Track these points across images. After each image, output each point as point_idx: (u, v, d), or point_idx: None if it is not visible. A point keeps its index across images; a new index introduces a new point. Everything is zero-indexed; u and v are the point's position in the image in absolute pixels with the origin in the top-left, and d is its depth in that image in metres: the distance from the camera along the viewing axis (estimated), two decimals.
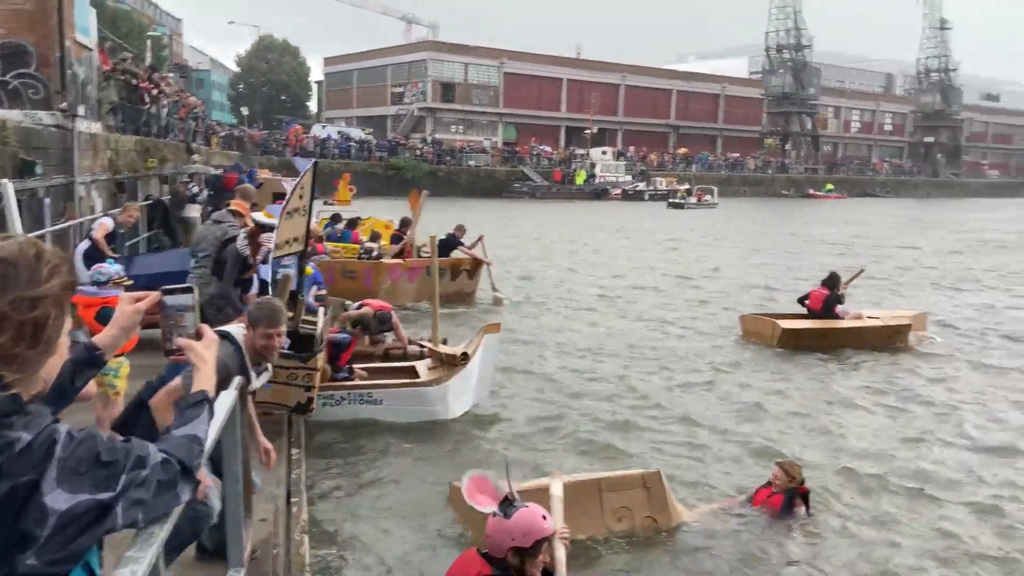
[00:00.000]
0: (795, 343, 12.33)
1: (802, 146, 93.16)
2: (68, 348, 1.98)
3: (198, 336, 2.46)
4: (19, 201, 9.04)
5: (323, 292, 11.64)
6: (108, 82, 17.42)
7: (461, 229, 16.46)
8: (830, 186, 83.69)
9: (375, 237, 17.21)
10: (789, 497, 6.32)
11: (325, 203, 23.34)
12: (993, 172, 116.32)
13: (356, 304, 10.49)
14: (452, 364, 8.36)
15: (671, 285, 19.48)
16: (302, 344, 7.10)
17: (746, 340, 12.94)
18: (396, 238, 16.62)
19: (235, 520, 3.36)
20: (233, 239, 7.45)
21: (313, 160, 8.96)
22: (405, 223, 16.61)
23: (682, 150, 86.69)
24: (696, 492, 6.95)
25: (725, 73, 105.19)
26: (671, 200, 58.08)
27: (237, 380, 3.42)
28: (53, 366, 1.88)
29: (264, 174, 26.45)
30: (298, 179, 8.53)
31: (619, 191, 67.62)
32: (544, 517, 3.60)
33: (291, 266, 7.78)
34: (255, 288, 7.71)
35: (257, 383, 4.41)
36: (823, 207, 64.42)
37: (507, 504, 3.68)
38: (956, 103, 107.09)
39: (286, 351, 6.80)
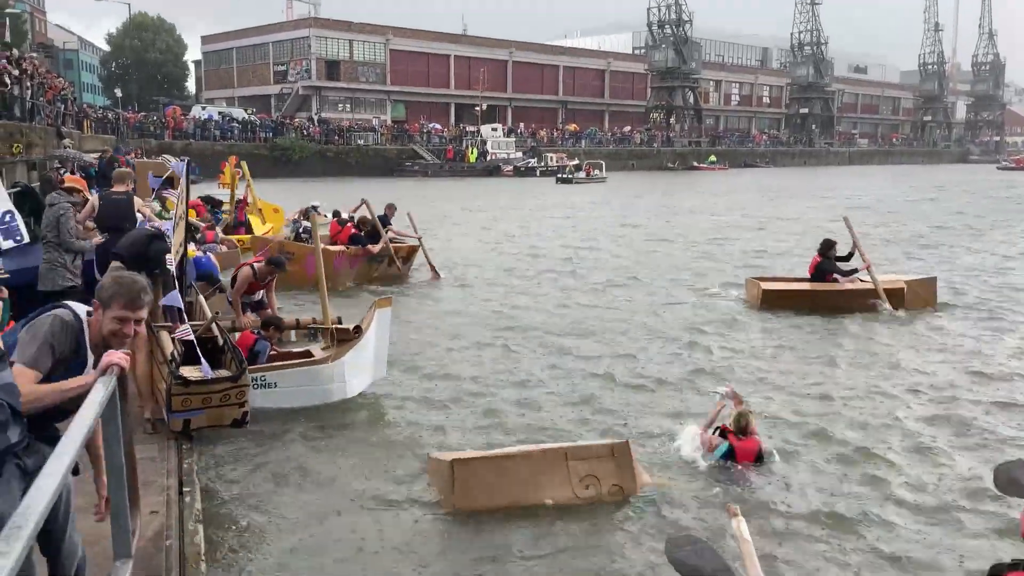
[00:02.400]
0: (778, 303, 12.94)
1: (685, 119, 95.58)
2: None
3: None
4: None
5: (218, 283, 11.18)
6: None
7: (392, 208, 16.11)
8: (713, 158, 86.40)
9: (307, 215, 16.43)
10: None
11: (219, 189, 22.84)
12: (863, 140, 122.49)
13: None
14: (346, 340, 8.22)
15: (601, 255, 19.70)
16: (215, 353, 6.86)
17: (748, 302, 13.56)
18: (355, 237, 15.11)
19: (120, 510, 3.24)
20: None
21: (186, 160, 8.73)
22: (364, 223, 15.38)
23: (571, 126, 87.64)
24: (655, 456, 7.03)
25: (609, 49, 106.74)
26: (560, 176, 58.83)
27: (116, 367, 3.23)
28: None
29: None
30: (181, 186, 8.24)
31: (511, 168, 67.94)
32: None
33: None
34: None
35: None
36: (707, 178, 66.47)
37: None
38: (828, 75, 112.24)
39: (210, 376, 6.57)
